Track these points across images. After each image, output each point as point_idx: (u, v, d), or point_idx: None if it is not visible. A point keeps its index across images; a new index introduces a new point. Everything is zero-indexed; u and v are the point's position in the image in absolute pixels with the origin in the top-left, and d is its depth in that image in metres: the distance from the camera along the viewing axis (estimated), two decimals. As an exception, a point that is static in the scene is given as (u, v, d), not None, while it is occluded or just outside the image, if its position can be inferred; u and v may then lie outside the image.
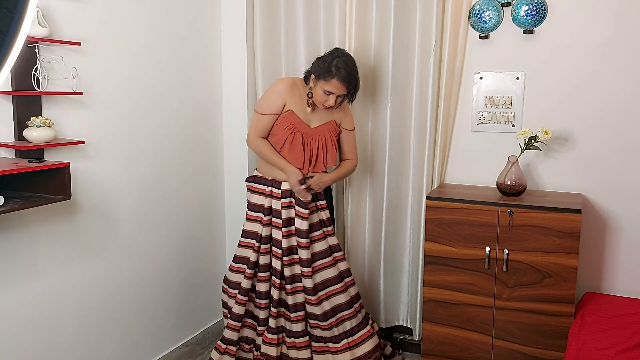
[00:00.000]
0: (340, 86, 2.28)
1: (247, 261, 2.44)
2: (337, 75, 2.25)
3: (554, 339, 2.24)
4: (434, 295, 2.42)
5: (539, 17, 2.42)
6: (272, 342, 2.42)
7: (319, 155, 2.39)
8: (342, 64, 2.26)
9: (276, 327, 2.44)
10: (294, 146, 2.35)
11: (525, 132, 2.35)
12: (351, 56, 2.35)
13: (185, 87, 2.65)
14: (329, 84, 2.27)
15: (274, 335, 2.43)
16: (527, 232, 2.23)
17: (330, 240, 2.44)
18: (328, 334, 2.41)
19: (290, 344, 2.43)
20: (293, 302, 2.40)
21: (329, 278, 2.39)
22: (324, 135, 2.40)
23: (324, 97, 2.31)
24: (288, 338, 2.44)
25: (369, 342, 2.45)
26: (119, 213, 2.32)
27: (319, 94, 2.32)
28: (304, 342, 2.42)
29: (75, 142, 1.97)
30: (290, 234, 2.38)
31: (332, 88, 2.27)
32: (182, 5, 2.58)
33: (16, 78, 1.82)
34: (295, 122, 2.34)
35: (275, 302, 2.42)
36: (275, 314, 2.42)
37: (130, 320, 2.43)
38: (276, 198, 2.39)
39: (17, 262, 1.92)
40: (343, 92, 2.31)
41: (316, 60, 2.35)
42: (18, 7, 0.77)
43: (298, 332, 2.42)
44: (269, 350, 2.42)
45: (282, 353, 2.45)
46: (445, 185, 2.65)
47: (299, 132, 2.35)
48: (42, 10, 1.86)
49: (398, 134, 2.67)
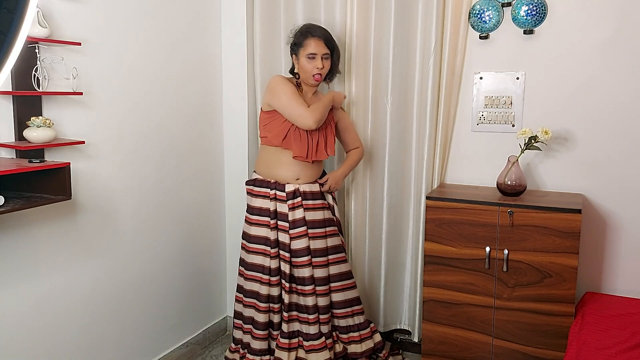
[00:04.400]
0: (319, 42, 2.34)
1: (262, 268, 2.42)
2: (311, 34, 2.33)
3: (554, 339, 2.24)
4: (434, 295, 2.42)
5: (539, 17, 2.42)
6: (284, 346, 2.41)
7: (320, 143, 2.40)
8: (312, 26, 2.38)
9: (289, 332, 2.43)
10: (297, 135, 2.35)
11: (525, 132, 2.35)
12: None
13: (186, 87, 2.65)
14: (308, 46, 2.33)
15: (286, 339, 2.42)
16: (527, 232, 2.23)
17: (330, 240, 2.44)
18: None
19: (309, 348, 2.41)
20: (313, 304, 2.39)
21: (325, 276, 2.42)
22: (324, 125, 2.42)
23: (310, 64, 2.34)
24: (306, 342, 2.42)
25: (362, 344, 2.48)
26: (119, 213, 2.32)
27: (304, 65, 2.35)
28: (321, 344, 2.41)
29: (76, 142, 1.97)
30: (299, 236, 2.37)
31: (313, 48, 2.33)
32: (182, 6, 2.58)
33: (16, 78, 1.82)
34: None
35: (286, 306, 2.41)
36: (287, 318, 2.41)
37: (130, 320, 2.43)
38: (281, 201, 2.38)
39: (18, 262, 1.92)
40: (325, 50, 2.35)
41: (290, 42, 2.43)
42: (18, 8, 0.77)
43: (315, 334, 2.41)
44: (282, 355, 2.40)
45: (297, 357, 2.43)
46: (445, 185, 2.65)
47: None
48: (42, 11, 1.86)
49: (398, 133, 2.67)
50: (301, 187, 2.40)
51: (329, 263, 2.42)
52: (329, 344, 2.43)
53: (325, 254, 2.41)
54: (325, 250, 2.41)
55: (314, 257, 2.38)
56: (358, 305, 2.51)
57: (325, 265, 2.41)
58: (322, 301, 2.40)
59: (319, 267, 2.39)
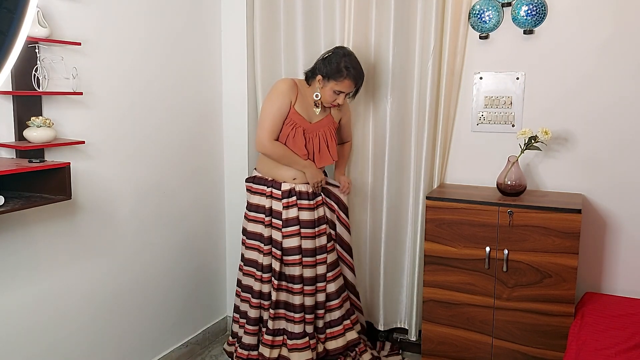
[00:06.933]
0: (351, 85, 2.35)
1: (256, 264, 2.45)
2: (349, 75, 2.31)
3: (554, 339, 2.24)
4: (434, 295, 2.42)
5: (539, 17, 2.42)
6: (267, 343, 2.43)
7: (322, 148, 2.43)
8: (351, 63, 2.32)
9: (274, 329, 2.44)
10: (296, 141, 2.37)
11: (525, 132, 2.36)
12: (354, 53, 2.40)
13: (186, 87, 2.65)
14: (341, 84, 2.32)
15: (270, 336, 2.43)
16: (527, 232, 2.23)
17: (319, 240, 2.46)
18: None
19: (292, 346, 2.43)
20: (300, 303, 2.40)
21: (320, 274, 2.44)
22: (324, 130, 2.44)
23: (333, 96, 2.36)
24: (289, 340, 2.44)
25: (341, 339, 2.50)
26: (119, 213, 2.32)
27: (328, 94, 2.36)
28: (304, 344, 2.42)
29: (76, 142, 1.97)
30: (291, 235, 2.38)
31: (344, 87, 2.33)
32: (182, 6, 2.58)
33: (16, 78, 1.82)
34: (296, 118, 2.36)
35: (273, 304, 2.42)
36: (273, 315, 2.43)
37: (130, 320, 2.43)
38: (276, 199, 2.40)
39: (18, 262, 1.92)
40: (352, 90, 2.39)
41: (321, 61, 2.37)
42: (18, 7, 0.77)
43: (299, 333, 2.42)
44: (264, 352, 2.43)
45: (280, 355, 2.44)
46: (445, 185, 2.65)
47: (300, 127, 2.37)
48: (42, 11, 1.86)
49: (398, 133, 2.67)
50: (297, 187, 2.40)
51: (317, 263, 2.43)
52: (312, 344, 2.44)
53: (314, 254, 2.42)
54: (314, 251, 2.42)
55: (305, 256, 2.39)
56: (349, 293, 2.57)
57: (313, 265, 2.41)
58: (309, 301, 2.42)
59: (308, 267, 2.40)
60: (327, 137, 2.44)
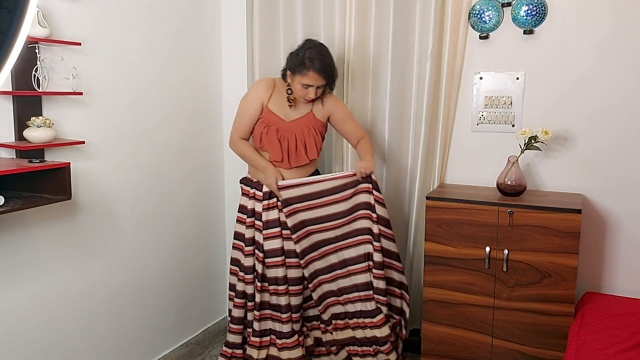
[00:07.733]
0: (317, 77, 2.27)
1: (239, 264, 2.46)
2: (312, 67, 2.24)
3: (554, 338, 2.24)
4: (434, 295, 2.42)
5: (539, 17, 2.42)
6: (255, 344, 2.43)
7: (298, 148, 2.37)
8: (315, 55, 2.25)
9: (260, 330, 2.43)
10: (268, 139, 2.34)
11: (525, 132, 2.35)
12: (324, 45, 2.34)
13: (186, 87, 2.65)
14: (306, 77, 2.26)
15: (257, 338, 2.43)
16: (527, 232, 2.23)
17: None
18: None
19: (282, 345, 2.42)
20: (286, 304, 2.39)
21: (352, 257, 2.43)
22: (301, 128, 2.38)
23: (303, 90, 2.30)
24: (278, 340, 2.43)
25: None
26: (119, 213, 2.32)
27: (298, 89, 2.31)
28: (294, 342, 2.42)
29: (76, 142, 1.97)
30: (272, 237, 2.36)
31: (310, 80, 2.27)
32: (181, 6, 2.58)
33: (16, 78, 1.82)
34: (270, 117, 2.35)
35: (257, 305, 2.41)
36: (259, 316, 2.42)
37: (130, 320, 2.43)
38: (258, 200, 2.39)
39: (17, 262, 1.92)
40: (321, 83, 2.30)
41: (289, 56, 2.34)
42: (18, 7, 0.77)
43: (287, 332, 2.41)
44: (252, 353, 2.43)
45: (269, 355, 2.44)
46: (445, 185, 2.65)
47: (273, 126, 2.34)
48: (42, 11, 1.87)
49: (397, 133, 2.67)
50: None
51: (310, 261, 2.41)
52: (301, 340, 2.45)
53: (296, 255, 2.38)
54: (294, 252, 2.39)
55: (288, 257, 2.38)
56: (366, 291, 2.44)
57: (297, 265, 2.39)
58: (295, 300, 2.41)
59: (292, 268, 2.39)
60: (304, 135, 2.38)
